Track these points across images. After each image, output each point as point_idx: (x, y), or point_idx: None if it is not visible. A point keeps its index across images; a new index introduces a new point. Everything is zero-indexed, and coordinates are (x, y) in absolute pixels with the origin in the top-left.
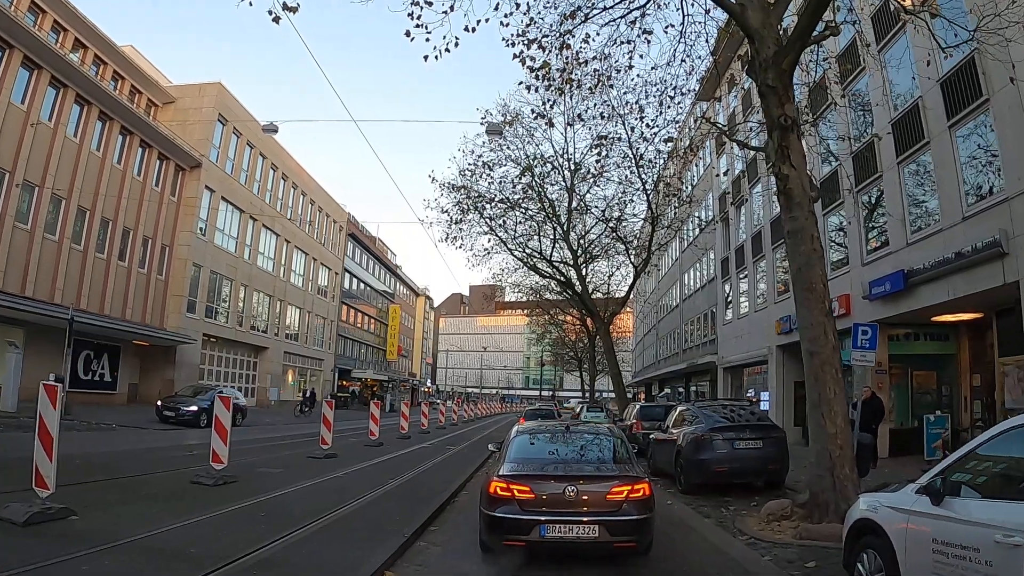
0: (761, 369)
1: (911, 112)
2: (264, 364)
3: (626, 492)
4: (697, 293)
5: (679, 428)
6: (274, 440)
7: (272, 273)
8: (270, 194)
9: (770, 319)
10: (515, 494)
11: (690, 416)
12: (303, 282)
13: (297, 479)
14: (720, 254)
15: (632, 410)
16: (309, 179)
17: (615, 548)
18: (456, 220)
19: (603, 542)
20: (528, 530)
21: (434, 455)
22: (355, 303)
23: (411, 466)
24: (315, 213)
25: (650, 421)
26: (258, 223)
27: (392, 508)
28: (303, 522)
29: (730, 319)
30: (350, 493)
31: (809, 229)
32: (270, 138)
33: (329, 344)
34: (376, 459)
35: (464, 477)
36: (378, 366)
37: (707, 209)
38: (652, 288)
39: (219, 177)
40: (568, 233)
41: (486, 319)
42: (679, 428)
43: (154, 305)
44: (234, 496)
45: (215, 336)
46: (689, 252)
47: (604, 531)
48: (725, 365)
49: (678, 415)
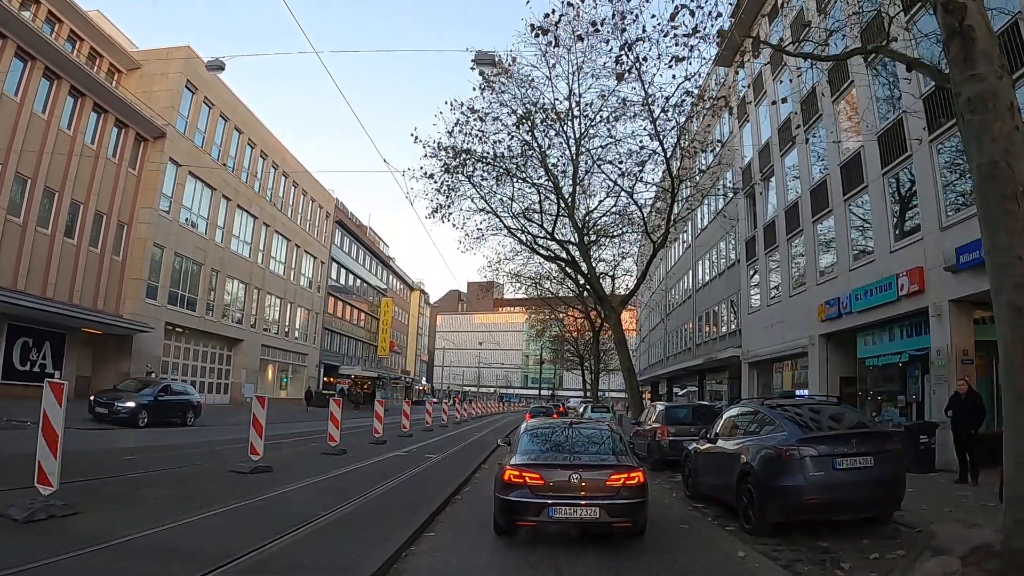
0: (794, 364)
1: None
2: (239, 358)
3: (623, 479)
4: (714, 282)
5: (738, 438)
6: (219, 444)
7: (248, 259)
8: (247, 173)
9: (810, 304)
10: (527, 480)
11: (759, 420)
12: (284, 270)
13: (191, 505)
14: (744, 235)
15: (653, 412)
16: (292, 159)
17: (613, 528)
18: (444, 186)
19: (603, 522)
20: (538, 512)
21: (406, 467)
22: (343, 295)
23: (364, 488)
24: (298, 197)
25: (677, 425)
26: (232, 203)
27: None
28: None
29: (757, 307)
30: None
31: (1005, 94)
32: (247, 112)
33: (314, 338)
34: (326, 474)
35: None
36: (369, 363)
37: (729, 186)
38: (659, 281)
39: (187, 150)
40: (573, 209)
41: (484, 317)
42: (738, 438)
43: (108, 289)
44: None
45: (181, 326)
46: (703, 237)
47: (604, 513)
48: (751, 359)
49: (734, 418)
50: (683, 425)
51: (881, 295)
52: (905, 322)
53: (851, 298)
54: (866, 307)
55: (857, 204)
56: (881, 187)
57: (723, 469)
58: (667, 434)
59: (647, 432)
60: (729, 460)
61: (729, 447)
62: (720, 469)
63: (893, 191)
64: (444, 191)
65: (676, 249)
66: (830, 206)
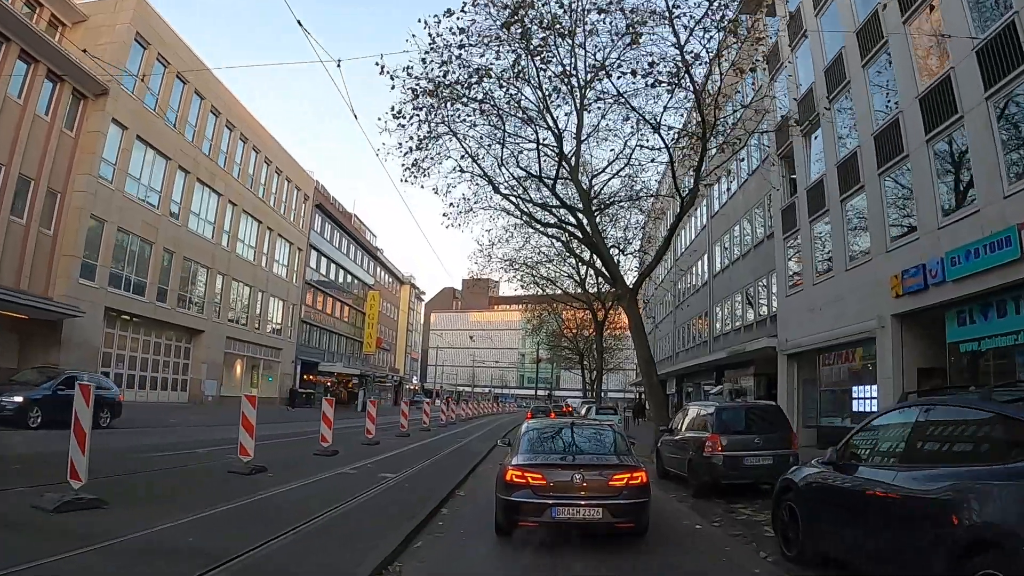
0: (849, 355)
1: None
2: (199, 351)
3: (626, 479)
4: (736, 264)
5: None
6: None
7: (211, 240)
8: (210, 144)
9: (879, 277)
10: (529, 481)
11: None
12: (255, 255)
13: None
14: (779, 203)
15: (692, 417)
16: (265, 134)
17: (616, 528)
18: (419, 128)
19: (606, 523)
20: (541, 512)
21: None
22: (325, 287)
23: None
24: (272, 175)
25: (734, 435)
26: (191, 177)
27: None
28: None
29: (798, 288)
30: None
31: None
32: (210, 76)
33: (290, 332)
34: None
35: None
36: (353, 360)
37: (756, 151)
38: (665, 273)
39: (135, 112)
40: (577, 169)
41: (479, 315)
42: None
43: (36, 267)
44: None
45: (127, 312)
46: (722, 216)
47: (607, 513)
48: (790, 350)
49: (924, 428)
50: (741, 435)
51: (992, 255)
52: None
53: (943, 264)
54: (967, 273)
55: (944, 142)
56: (984, 114)
57: (910, 534)
58: (721, 447)
59: (686, 443)
60: (921, 513)
61: (921, 490)
62: (903, 533)
63: (1000, 115)
64: (420, 139)
65: (687, 234)
66: (904, 151)
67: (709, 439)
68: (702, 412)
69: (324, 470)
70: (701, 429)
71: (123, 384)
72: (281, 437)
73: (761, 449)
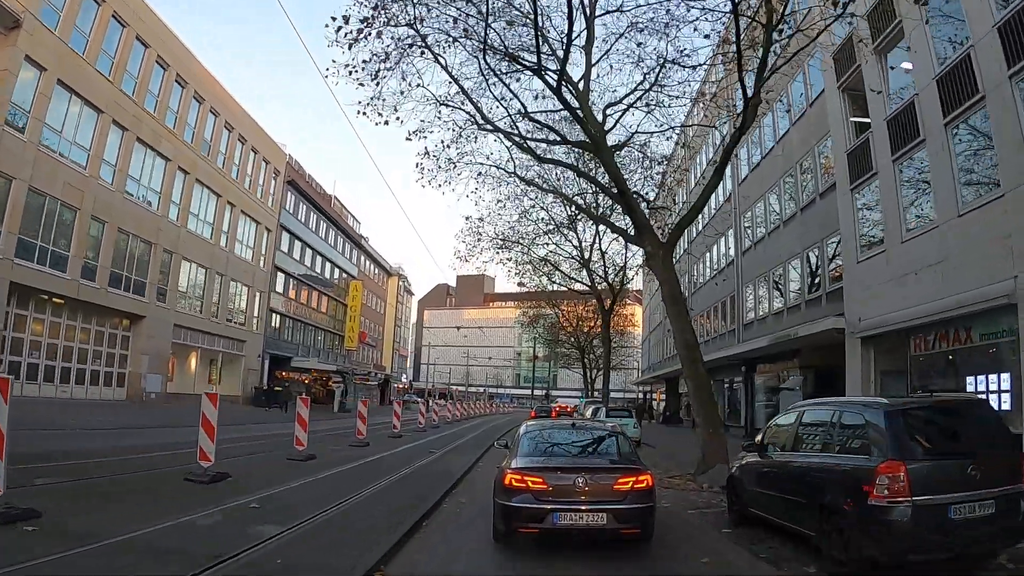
0: (960, 334)
1: None
2: (140, 340)
3: (631, 483)
4: (776, 234)
5: None
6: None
7: (155, 212)
8: (156, 100)
9: (1009, 226)
10: (529, 485)
11: None
12: (212, 233)
13: None
14: (843, 145)
15: (824, 423)
16: (225, 94)
17: (621, 535)
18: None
19: (610, 529)
20: (542, 518)
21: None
22: (299, 274)
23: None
24: (234, 144)
25: (938, 461)
26: (130, 135)
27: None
28: None
29: (877, 251)
30: None
31: None
32: (156, 20)
33: (256, 322)
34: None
35: None
36: (334, 356)
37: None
38: (674, 260)
39: (58, 52)
40: (586, 93)
41: (474, 312)
42: None
43: None
44: None
45: (42, 290)
46: (751, 181)
47: (611, 518)
48: (865, 332)
49: None
50: (941, 460)
51: None
52: None
53: None
54: None
55: None
56: None
57: None
58: (907, 487)
59: (810, 477)
60: None
61: None
62: None
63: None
64: (382, 55)
65: (706, 213)
66: None
67: (880, 470)
68: (845, 418)
69: (294, 477)
70: (844, 451)
71: (39, 377)
72: (251, 440)
73: (978, 486)
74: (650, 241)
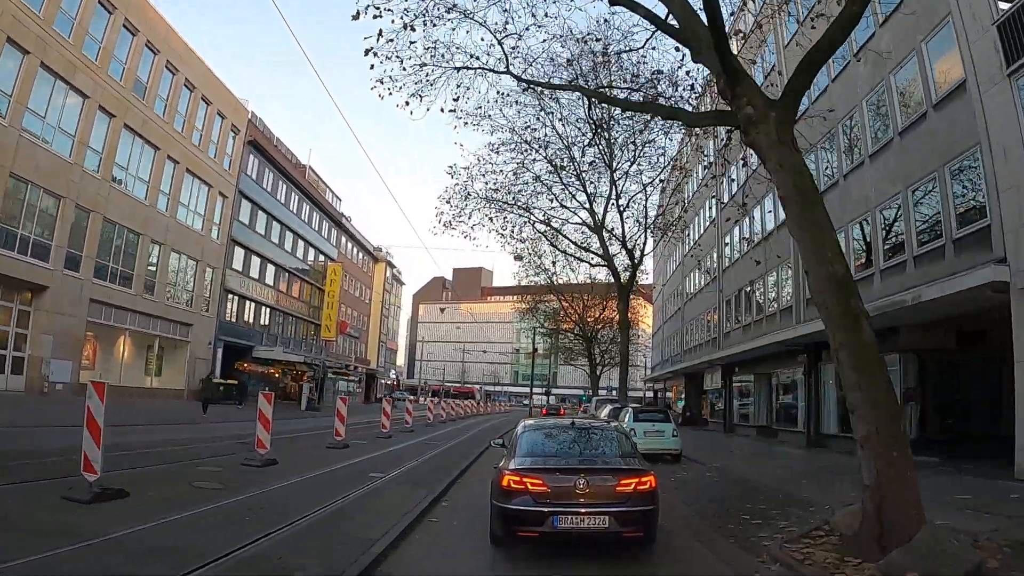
0: None
1: None
2: (42, 316)
3: (633, 484)
4: (860, 170)
5: None
6: None
7: (67, 159)
8: (72, 23)
9: None
10: (528, 487)
11: None
12: (147, 193)
13: None
14: (989, 16)
15: None
16: (167, 27)
17: (623, 538)
18: None
19: (612, 532)
20: (541, 521)
21: None
22: (263, 251)
23: None
24: (179, 90)
25: None
26: (32, 59)
27: None
28: None
29: None
30: None
31: None
32: None
33: (206, 304)
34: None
35: None
36: (307, 346)
37: None
38: (684, 253)
39: None
40: None
41: (471, 306)
42: None
43: None
44: None
45: None
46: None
47: (613, 521)
48: None
49: None
50: None
51: None
52: None
53: None
54: None
55: None
56: None
57: None
58: None
59: None
60: None
61: None
62: None
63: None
64: None
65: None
66: None
67: None
68: None
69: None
70: None
71: None
72: (200, 441)
73: None
74: (751, 98)
